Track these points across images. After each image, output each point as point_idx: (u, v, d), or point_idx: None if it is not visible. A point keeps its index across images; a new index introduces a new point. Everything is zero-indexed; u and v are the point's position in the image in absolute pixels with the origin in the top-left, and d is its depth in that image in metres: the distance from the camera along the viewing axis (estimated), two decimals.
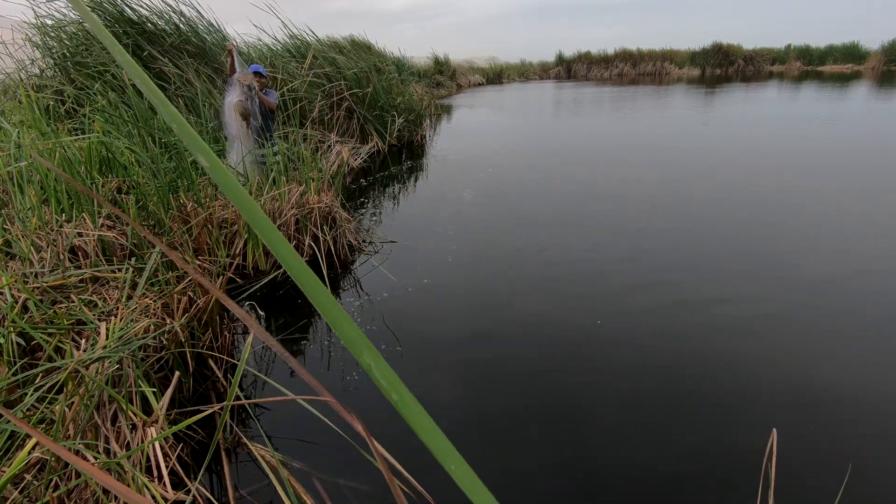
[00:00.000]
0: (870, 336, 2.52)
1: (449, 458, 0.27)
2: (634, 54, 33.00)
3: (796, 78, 23.64)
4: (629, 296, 3.01)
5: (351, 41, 9.45)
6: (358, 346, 0.26)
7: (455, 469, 0.27)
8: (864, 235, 3.77)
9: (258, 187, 3.64)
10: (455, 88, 22.95)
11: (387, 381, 0.26)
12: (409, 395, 0.26)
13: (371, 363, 0.26)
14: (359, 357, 0.26)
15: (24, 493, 1.34)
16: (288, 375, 2.42)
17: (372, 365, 0.26)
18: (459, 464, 0.27)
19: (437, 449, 0.26)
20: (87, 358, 1.66)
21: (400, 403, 0.26)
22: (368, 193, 5.65)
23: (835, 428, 1.94)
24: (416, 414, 0.26)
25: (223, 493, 1.72)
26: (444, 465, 0.27)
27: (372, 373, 0.26)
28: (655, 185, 5.39)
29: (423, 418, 0.26)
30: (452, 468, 0.27)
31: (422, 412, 0.26)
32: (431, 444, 0.26)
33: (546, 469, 1.81)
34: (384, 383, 0.26)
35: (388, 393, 0.26)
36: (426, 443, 0.26)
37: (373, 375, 0.26)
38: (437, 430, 0.26)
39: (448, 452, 0.27)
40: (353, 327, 0.26)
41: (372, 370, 0.25)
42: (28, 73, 5.79)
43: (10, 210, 2.69)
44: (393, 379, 0.26)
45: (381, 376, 0.26)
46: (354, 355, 0.26)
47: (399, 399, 0.26)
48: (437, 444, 0.26)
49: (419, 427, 0.26)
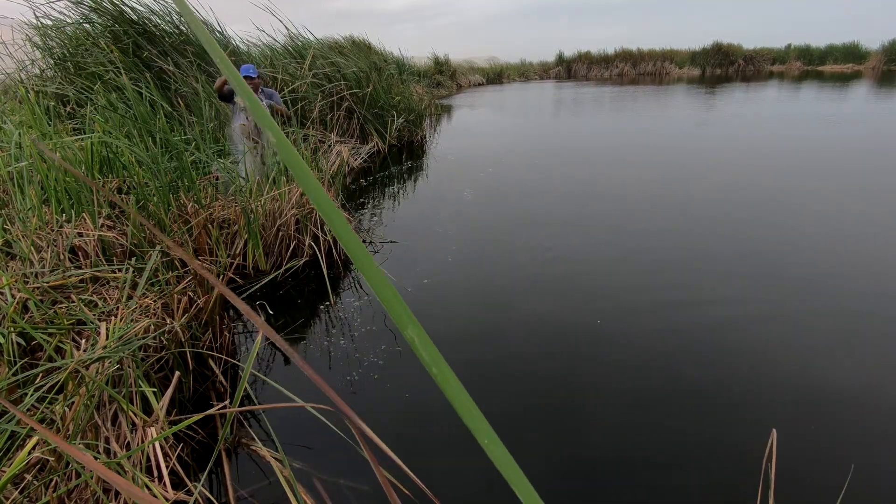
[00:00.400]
0: (870, 336, 2.52)
1: (483, 433, 0.28)
2: (634, 54, 32.99)
3: (796, 78, 23.63)
4: (629, 295, 3.01)
5: (351, 41, 9.45)
6: (402, 320, 0.27)
7: (488, 443, 0.28)
8: (864, 235, 3.77)
9: (258, 187, 3.64)
10: (455, 88, 22.95)
11: (429, 355, 0.27)
12: (449, 370, 0.27)
13: (415, 337, 0.27)
14: (403, 330, 0.27)
15: (25, 493, 1.34)
16: (288, 376, 2.42)
17: (416, 339, 0.27)
18: (493, 439, 0.28)
19: (473, 423, 0.28)
20: (88, 358, 1.66)
21: (440, 377, 0.27)
22: (368, 193, 5.65)
23: (836, 428, 1.94)
24: (454, 389, 0.27)
25: (223, 492, 1.73)
26: (478, 439, 0.28)
27: (415, 346, 0.27)
28: (655, 185, 5.39)
29: (461, 393, 0.27)
30: (486, 442, 0.28)
31: (460, 387, 0.27)
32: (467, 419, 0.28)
33: (546, 469, 1.81)
34: (426, 357, 0.27)
35: (429, 366, 0.27)
36: (461, 416, 0.27)
37: (416, 349, 0.27)
38: (473, 405, 0.28)
39: (483, 428, 0.28)
40: (399, 302, 0.27)
41: (415, 343, 0.27)
42: (28, 73, 5.79)
43: (10, 210, 2.69)
44: (435, 354, 0.27)
45: (423, 350, 0.27)
46: (399, 328, 0.27)
47: (439, 373, 0.27)
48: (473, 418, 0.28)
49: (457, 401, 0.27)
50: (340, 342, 2.66)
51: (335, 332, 2.76)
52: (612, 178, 5.85)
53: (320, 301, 3.12)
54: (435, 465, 1.85)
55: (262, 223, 3.45)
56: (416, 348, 0.27)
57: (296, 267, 3.45)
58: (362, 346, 2.60)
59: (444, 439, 1.96)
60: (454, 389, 0.27)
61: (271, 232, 3.49)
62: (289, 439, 1.98)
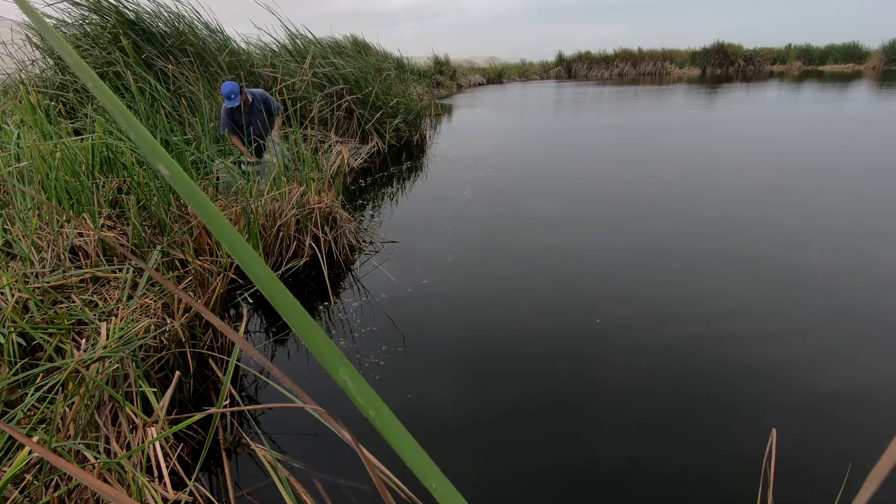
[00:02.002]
0: (871, 336, 2.52)
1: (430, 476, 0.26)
2: (635, 54, 32.98)
3: (797, 77, 23.62)
4: (630, 295, 3.01)
5: (352, 41, 9.46)
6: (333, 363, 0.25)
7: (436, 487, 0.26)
8: (864, 234, 3.77)
9: (258, 190, 3.64)
10: (455, 88, 22.95)
11: (364, 398, 0.25)
12: (388, 412, 0.26)
13: (347, 380, 0.25)
14: (334, 374, 0.25)
15: (25, 494, 1.34)
16: (289, 374, 2.42)
17: (348, 381, 0.25)
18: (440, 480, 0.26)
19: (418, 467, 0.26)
20: (88, 358, 1.66)
21: (377, 420, 0.25)
22: (369, 194, 5.65)
23: (835, 428, 1.94)
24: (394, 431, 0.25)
25: (223, 492, 1.73)
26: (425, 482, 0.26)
27: (349, 390, 0.25)
28: (658, 186, 5.38)
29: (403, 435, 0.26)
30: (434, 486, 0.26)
31: (401, 429, 0.26)
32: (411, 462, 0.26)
33: (546, 469, 1.81)
34: (361, 400, 0.25)
35: (366, 410, 0.25)
36: (406, 460, 0.26)
37: (349, 392, 0.25)
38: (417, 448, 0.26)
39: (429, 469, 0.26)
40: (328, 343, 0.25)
41: (348, 386, 0.25)
42: (28, 73, 5.80)
43: (10, 210, 2.70)
44: (370, 396, 0.25)
45: (357, 393, 0.25)
46: (330, 373, 0.25)
47: (376, 415, 0.25)
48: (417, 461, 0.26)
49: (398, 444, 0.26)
50: (341, 342, 2.66)
51: (335, 333, 2.76)
52: (614, 177, 5.84)
53: (320, 301, 3.12)
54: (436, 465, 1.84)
55: (262, 223, 3.45)
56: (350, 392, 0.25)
57: (296, 267, 3.45)
58: (363, 347, 2.60)
59: (445, 439, 1.96)
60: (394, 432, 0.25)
61: (271, 232, 3.50)
62: (289, 439, 1.98)
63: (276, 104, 4.61)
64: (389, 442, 0.25)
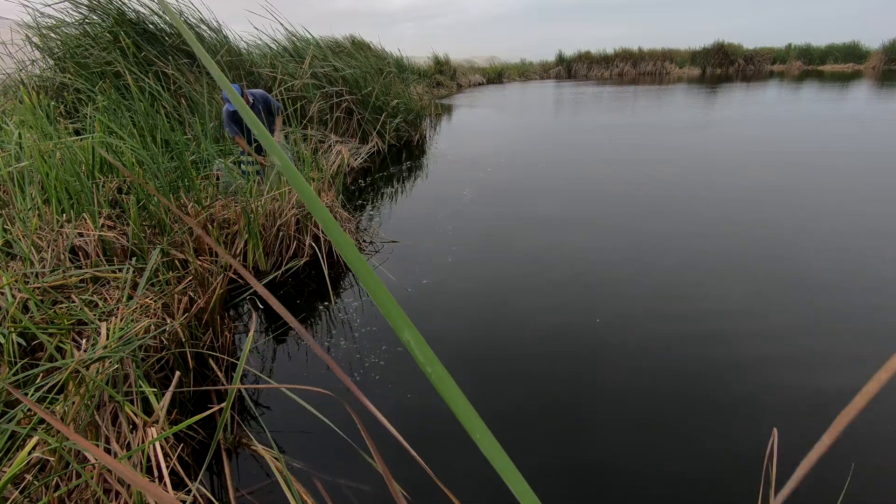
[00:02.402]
0: (872, 336, 2.52)
1: (476, 429, 0.30)
2: (635, 54, 32.97)
3: (797, 77, 23.62)
4: (630, 295, 3.01)
5: (351, 41, 9.45)
6: (399, 324, 0.29)
7: (480, 437, 0.30)
8: (865, 234, 3.77)
9: (258, 189, 3.64)
10: (455, 88, 22.94)
11: (424, 356, 0.29)
12: (443, 370, 0.29)
13: (411, 339, 0.29)
14: (400, 333, 0.29)
15: (25, 494, 1.34)
16: (289, 374, 2.42)
17: (411, 341, 0.29)
18: (484, 433, 0.30)
19: (466, 419, 0.30)
20: (88, 358, 1.66)
21: (434, 376, 0.29)
22: (369, 193, 5.65)
23: None
24: (449, 388, 0.29)
25: (224, 492, 1.73)
26: (472, 434, 0.30)
27: (411, 348, 0.29)
28: (658, 186, 5.38)
29: (454, 390, 0.29)
30: (478, 437, 0.30)
31: (454, 385, 0.29)
32: (461, 415, 0.29)
33: (546, 469, 1.81)
34: (422, 358, 0.29)
35: (424, 366, 0.29)
36: (456, 412, 0.29)
37: (412, 350, 0.29)
38: (466, 402, 0.29)
39: (475, 423, 0.30)
40: (395, 306, 0.28)
41: (411, 345, 0.29)
42: (28, 73, 5.80)
43: (10, 210, 2.70)
44: (430, 354, 0.29)
45: (419, 352, 0.29)
46: (396, 331, 0.29)
47: (433, 372, 0.29)
48: (466, 414, 0.30)
49: (450, 398, 0.29)
50: (341, 342, 2.66)
51: (336, 333, 2.76)
52: (614, 177, 5.84)
53: (320, 301, 3.12)
54: (436, 465, 1.84)
55: (262, 223, 3.45)
56: (412, 350, 0.29)
57: (296, 267, 3.45)
58: (363, 347, 2.60)
59: (446, 439, 1.96)
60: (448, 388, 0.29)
61: (272, 232, 3.50)
62: (289, 439, 1.98)
63: (276, 104, 4.61)
64: (443, 396, 0.29)
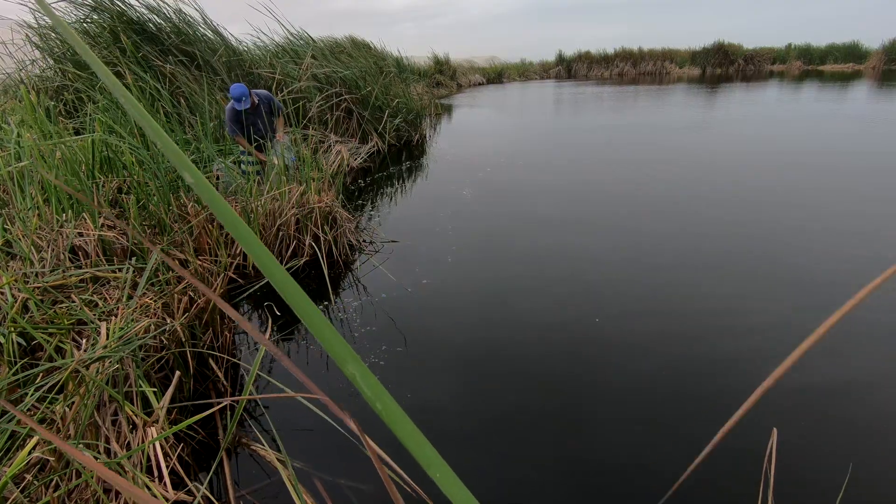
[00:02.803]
0: (872, 336, 2.52)
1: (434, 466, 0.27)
2: (635, 53, 32.95)
3: (797, 77, 23.61)
4: (629, 294, 3.01)
5: (351, 41, 9.45)
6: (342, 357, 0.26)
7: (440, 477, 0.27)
8: (865, 234, 3.77)
9: (257, 189, 3.64)
10: (455, 88, 22.93)
11: (371, 390, 0.26)
12: (394, 404, 0.27)
13: (356, 373, 0.26)
14: (343, 367, 0.26)
15: (25, 493, 1.34)
16: (289, 374, 2.42)
17: (357, 375, 0.26)
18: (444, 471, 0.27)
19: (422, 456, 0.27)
20: (88, 358, 1.66)
21: (384, 412, 0.26)
22: (369, 193, 5.65)
23: (835, 428, 1.94)
24: (400, 422, 0.27)
25: (223, 492, 1.73)
26: (429, 472, 0.27)
27: (357, 382, 0.26)
28: (658, 186, 5.38)
29: (408, 426, 0.27)
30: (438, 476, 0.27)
31: (406, 420, 0.27)
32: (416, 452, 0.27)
33: (545, 469, 1.81)
34: (369, 393, 0.26)
35: (373, 402, 0.26)
36: (411, 450, 0.27)
37: (358, 385, 0.26)
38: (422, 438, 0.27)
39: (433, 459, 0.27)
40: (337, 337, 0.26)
41: (357, 380, 0.26)
42: (28, 73, 5.80)
43: (10, 210, 2.69)
44: (377, 388, 0.26)
45: (365, 386, 0.26)
46: (339, 365, 0.26)
47: (383, 408, 0.26)
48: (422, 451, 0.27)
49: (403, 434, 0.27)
50: None
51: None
52: (614, 177, 5.84)
53: (320, 301, 3.11)
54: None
55: (262, 223, 3.45)
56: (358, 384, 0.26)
57: (296, 266, 3.45)
58: (363, 347, 2.60)
59: (446, 439, 1.96)
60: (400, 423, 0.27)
61: (271, 232, 3.50)
62: (289, 439, 1.98)
63: (277, 103, 4.62)
64: (395, 433, 0.26)
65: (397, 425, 0.26)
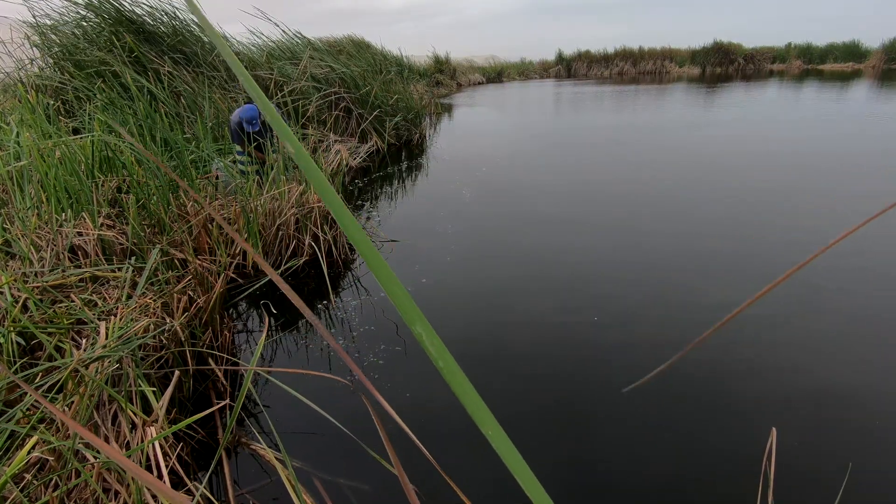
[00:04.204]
0: (872, 336, 2.52)
1: (486, 424, 0.30)
2: (635, 53, 32.92)
3: (797, 76, 23.60)
4: (629, 294, 3.01)
5: (350, 41, 9.44)
6: (411, 317, 0.29)
7: (492, 434, 0.30)
8: (866, 234, 3.77)
9: (257, 188, 3.64)
10: (455, 87, 22.91)
11: (435, 349, 0.29)
12: (454, 363, 0.29)
13: (422, 332, 0.29)
14: (411, 326, 0.29)
15: (25, 493, 1.34)
16: (290, 374, 2.42)
17: (423, 334, 0.29)
18: (495, 429, 0.30)
19: (477, 414, 0.29)
20: (87, 357, 1.66)
21: (445, 370, 0.29)
22: (368, 193, 5.65)
23: (835, 427, 1.94)
24: (459, 381, 0.29)
25: (223, 492, 1.73)
26: (482, 428, 0.30)
27: (422, 341, 0.29)
28: (658, 185, 5.38)
29: (466, 385, 0.29)
30: (490, 433, 0.30)
31: (465, 380, 0.29)
32: (472, 410, 0.29)
33: (545, 469, 1.81)
34: (433, 351, 0.29)
35: (436, 360, 0.29)
36: (467, 407, 0.29)
37: (423, 343, 0.29)
38: (477, 398, 0.29)
39: (487, 419, 0.30)
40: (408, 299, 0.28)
41: (422, 338, 0.29)
42: (28, 72, 5.79)
43: (10, 209, 2.69)
44: (440, 348, 0.29)
45: (430, 345, 0.29)
46: (407, 324, 0.29)
47: (445, 366, 0.29)
48: (477, 409, 0.29)
49: (461, 393, 0.29)
50: (340, 342, 2.66)
51: (335, 332, 2.76)
52: (614, 177, 5.84)
53: (320, 300, 3.11)
54: (439, 463, 1.84)
55: (261, 222, 3.45)
56: (423, 343, 0.29)
57: (296, 266, 3.45)
58: (362, 346, 2.60)
59: (446, 438, 1.96)
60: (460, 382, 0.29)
61: (271, 231, 3.49)
62: (289, 439, 1.98)
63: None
64: (454, 390, 0.29)
65: (456, 383, 0.29)
